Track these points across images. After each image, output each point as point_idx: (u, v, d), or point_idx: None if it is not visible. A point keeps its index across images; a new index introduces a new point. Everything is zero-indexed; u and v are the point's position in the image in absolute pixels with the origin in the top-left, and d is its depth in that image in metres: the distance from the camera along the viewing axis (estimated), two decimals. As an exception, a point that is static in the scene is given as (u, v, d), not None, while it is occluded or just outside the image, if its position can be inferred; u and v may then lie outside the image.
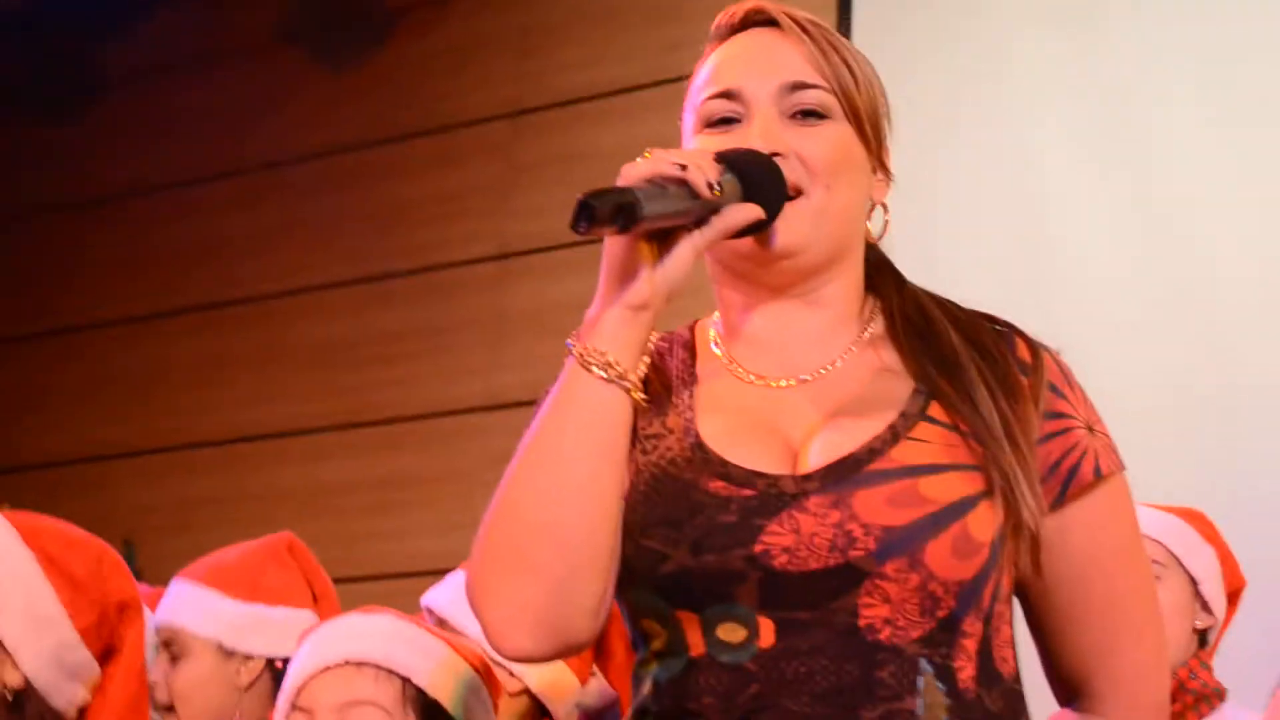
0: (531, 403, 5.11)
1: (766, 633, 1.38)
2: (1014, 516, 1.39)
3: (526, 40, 4.99)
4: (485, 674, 1.96)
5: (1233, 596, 2.84)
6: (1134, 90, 3.78)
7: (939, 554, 1.37)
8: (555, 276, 4.79)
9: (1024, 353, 1.48)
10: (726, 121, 1.49)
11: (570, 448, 1.37)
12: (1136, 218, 3.75)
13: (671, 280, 1.40)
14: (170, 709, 2.55)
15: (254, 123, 5.25)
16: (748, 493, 1.41)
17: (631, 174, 1.37)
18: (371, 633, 1.92)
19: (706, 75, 1.52)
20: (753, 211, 1.41)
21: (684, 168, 1.37)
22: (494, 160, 4.97)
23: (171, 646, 2.57)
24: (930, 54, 4.10)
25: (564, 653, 1.41)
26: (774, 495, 1.41)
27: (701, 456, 1.44)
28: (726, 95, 1.50)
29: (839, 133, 1.49)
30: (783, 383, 1.48)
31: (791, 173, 1.46)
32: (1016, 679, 1.45)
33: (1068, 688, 1.51)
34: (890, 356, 1.49)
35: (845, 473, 1.41)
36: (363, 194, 5.15)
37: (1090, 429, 1.48)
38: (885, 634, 1.38)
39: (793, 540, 1.38)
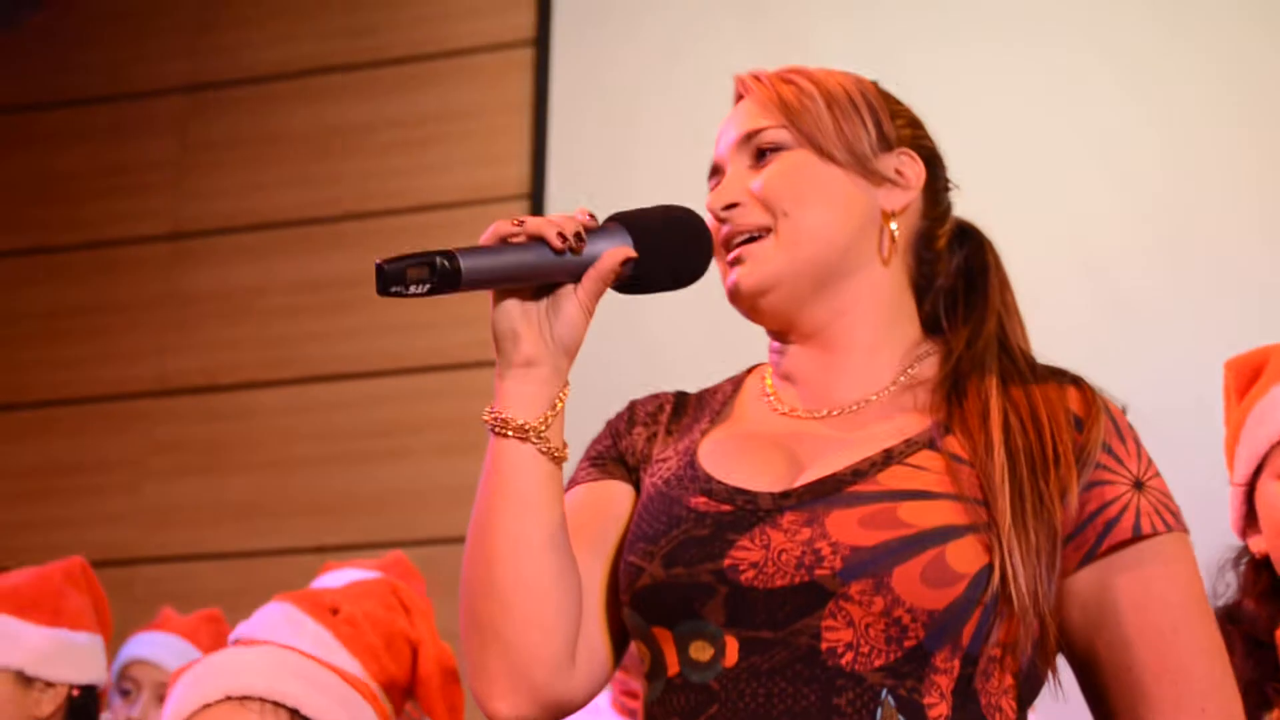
0: (204, 389, 4.90)
1: (731, 651, 1.38)
2: (1000, 581, 1.35)
3: (207, 12, 4.87)
4: (373, 702, 1.90)
5: None
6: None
7: (907, 579, 1.34)
8: (233, 261, 4.70)
9: (1078, 405, 1.43)
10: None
11: (492, 509, 1.41)
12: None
13: (562, 335, 1.42)
14: None
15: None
16: (725, 508, 1.42)
17: (482, 238, 1.41)
18: (254, 666, 1.87)
19: None
20: (620, 253, 1.42)
21: (521, 223, 1.40)
22: (170, 135, 4.83)
23: None
24: (626, 43, 4.19)
25: (550, 712, 1.42)
26: (749, 511, 1.41)
27: (691, 474, 1.46)
28: (712, 173, 1.56)
29: (792, 159, 1.50)
30: (812, 415, 1.49)
31: (750, 216, 1.49)
32: None
33: None
34: (924, 400, 1.47)
35: (824, 492, 1.40)
36: (25, 160, 4.94)
37: (1139, 485, 1.43)
38: (846, 659, 1.35)
39: (761, 556, 1.38)
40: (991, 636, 1.36)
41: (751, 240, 1.49)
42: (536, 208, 4.34)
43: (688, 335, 3.61)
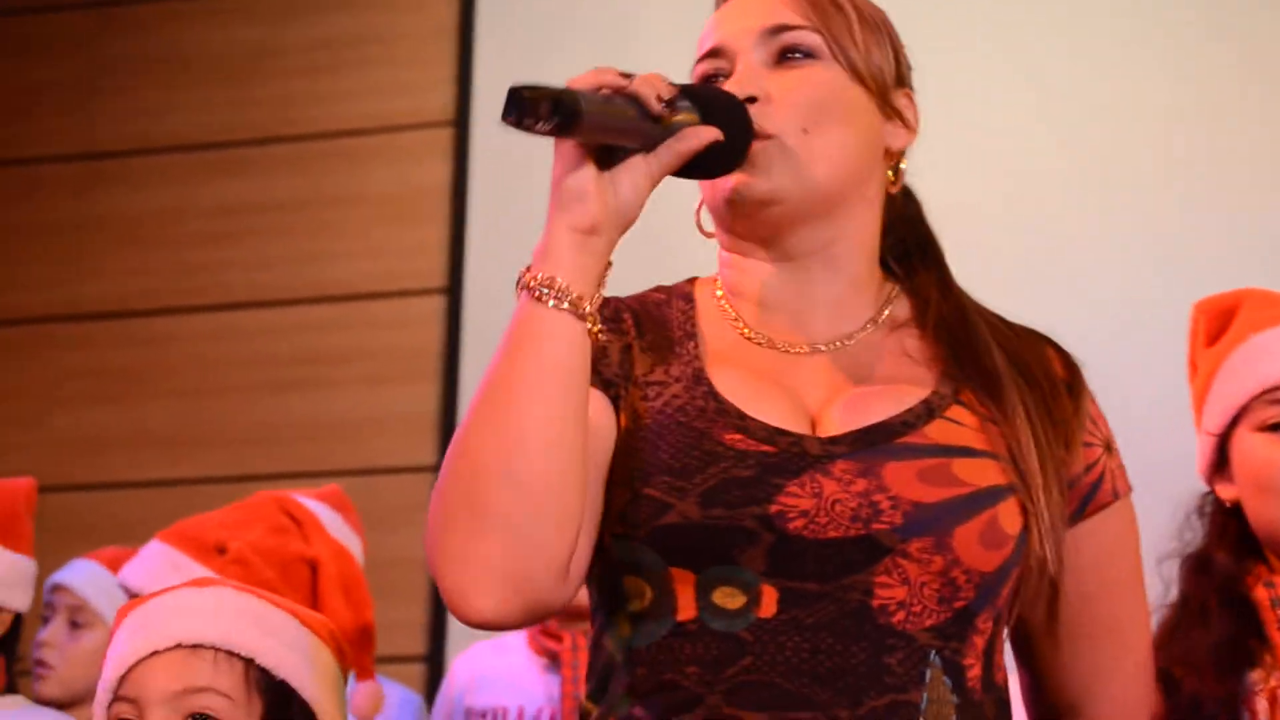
0: (117, 315, 4.85)
1: (769, 602, 1.31)
2: (1039, 544, 1.36)
3: (117, -74, 4.77)
4: (336, 646, 1.83)
5: None
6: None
7: (967, 539, 1.32)
8: (148, 184, 4.63)
9: (1061, 369, 1.44)
10: (715, 79, 1.45)
11: (527, 385, 1.29)
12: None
13: (624, 206, 1.32)
14: None
15: None
16: (768, 449, 1.34)
17: (575, 81, 1.30)
18: (208, 610, 1.77)
19: (700, 40, 1.47)
20: (709, 133, 1.34)
21: (629, 77, 1.31)
22: (80, 53, 4.73)
23: None
24: (560, 31, 4.15)
25: (531, 617, 1.32)
26: (796, 454, 1.34)
27: (716, 406, 1.36)
28: (713, 54, 1.45)
29: (823, 73, 1.43)
30: (796, 349, 1.42)
31: (767, 118, 1.40)
32: (1006, 687, 1.40)
33: (1053, 712, 1.48)
34: (915, 346, 1.43)
35: (876, 440, 1.35)
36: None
37: (1109, 448, 1.46)
38: (899, 618, 1.31)
39: (813, 504, 1.31)
40: (1017, 597, 1.38)
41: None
42: (462, 134, 4.30)
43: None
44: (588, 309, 1.31)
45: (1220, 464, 1.88)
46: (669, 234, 1.71)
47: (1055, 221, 3.81)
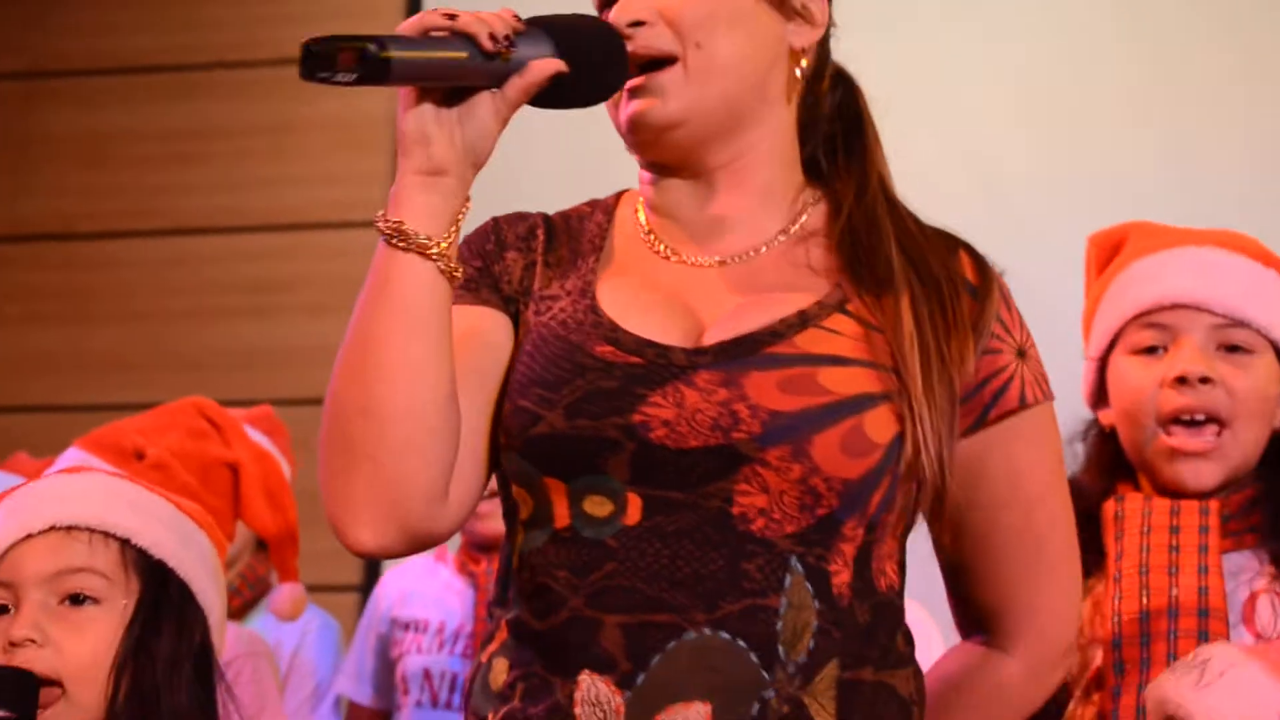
0: (59, 236, 4.82)
1: (633, 510, 1.34)
2: (913, 452, 1.36)
3: None
4: (210, 531, 1.84)
5: None
6: None
7: (826, 447, 1.33)
8: (90, 103, 4.60)
9: (970, 273, 1.44)
10: (606, 9, 1.46)
11: (379, 325, 1.33)
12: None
13: (473, 144, 1.34)
14: None
15: None
16: (635, 360, 1.37)
17: (403, 27, 1.32)
18: (81, 493, 1.77)
19: None
20: (551, 65, 1.35)
21: (453, 18, 1.32)
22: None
23: None
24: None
25: (414, 543, 1.36)
26: (662, 366, 1.37)
27: (594, 319, 1.40)
28: None
29: None
30: (700, 260, 1.44)
31: (657, 38, 1.41)
32: (895, 594, 1.41)
33: (974, 623, 1.49)
34: (819, 257, 1.44)
35: (741, 352, 1.37)
36: None
37: (1022, 353, 1.45)
38: (758, 525, 1.34)
39: (674, 414, 1.34)
40: (894, 503, 1.38)
41: (655, 67, 1.42)
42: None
43: (540, 153, 3.53)
44: (436, 250, 1.33)
45: (1101, 390, 1.91)
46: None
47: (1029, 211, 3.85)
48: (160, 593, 1.74)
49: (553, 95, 1.38)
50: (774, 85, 1.45)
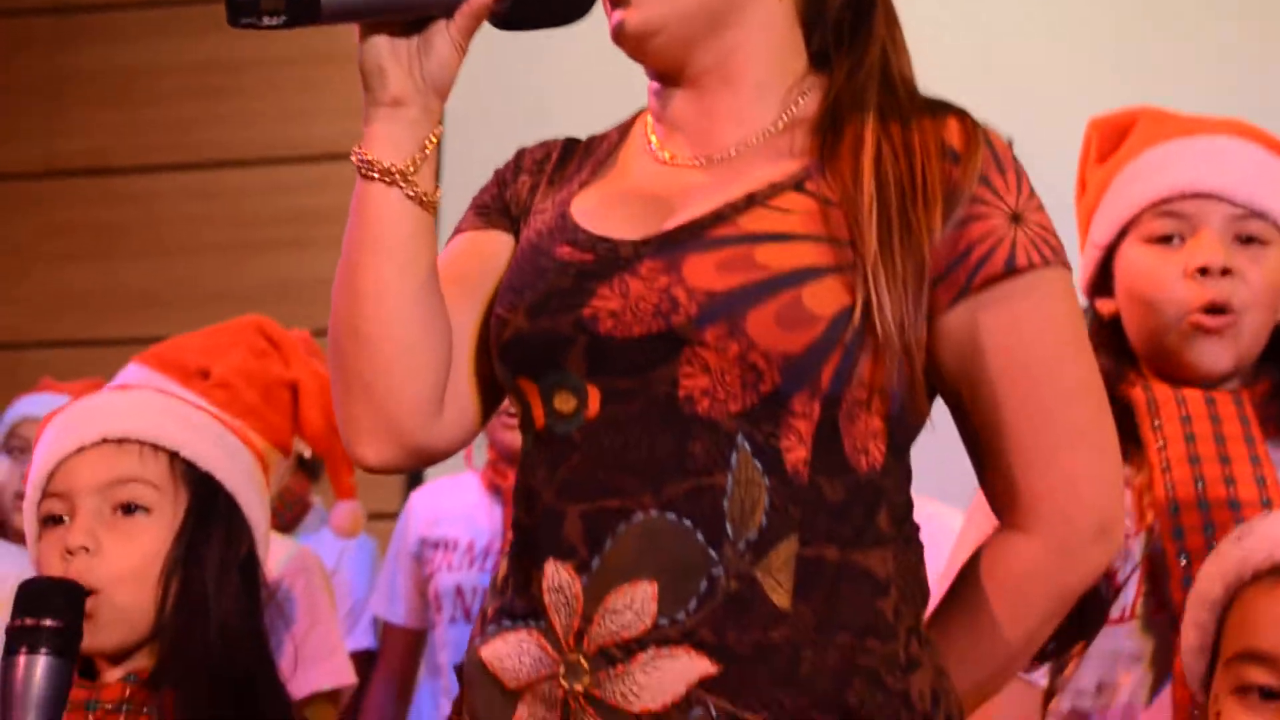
0: (97, 172, 4.81)
1: (593, 402, 1.37)
2: (862, 317, 1.34)
3: None
4: (251, 446, 1.89)
5: None
6: None
7: (761, 322, 1.33)
8: (120, 38, 4.60)
9: (955, 139, 1.39)
10: None
11: (356, 251, 1.41)
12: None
13: (433, 72, 1.39)
14: None
15: None
16: (586, 258, 1.41)
17: None
18: (132, 408, 1.82)
19: None
20: None
21: None
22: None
23: None
24: None
25: (416, 458, 1.44)
26: (610, 259, 1.40)
27: (559, 224, 1.45)
28: None
29: None
30: (691, 163, 1.46)
31: None
32: (880, 473, 1.37)
33: (1000, 506, 1.43)
34: (801, 141, 1.43)
35: (683, 238, 1.38)
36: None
37: (1017, 218, 1.39)
38: (703, 406, 1.34)
39: (619, 304, 1.37)
40: (854, 377, 1.35)
41: None
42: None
43: (581, 78, 3.54)
44: (404, 178, 1.39)
45: (1102, 278, 1.90)
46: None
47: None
48: (208, 503, 1.78)
49: (520, 16, 1.41)
50: None
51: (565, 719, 1.33)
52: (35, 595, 1.60)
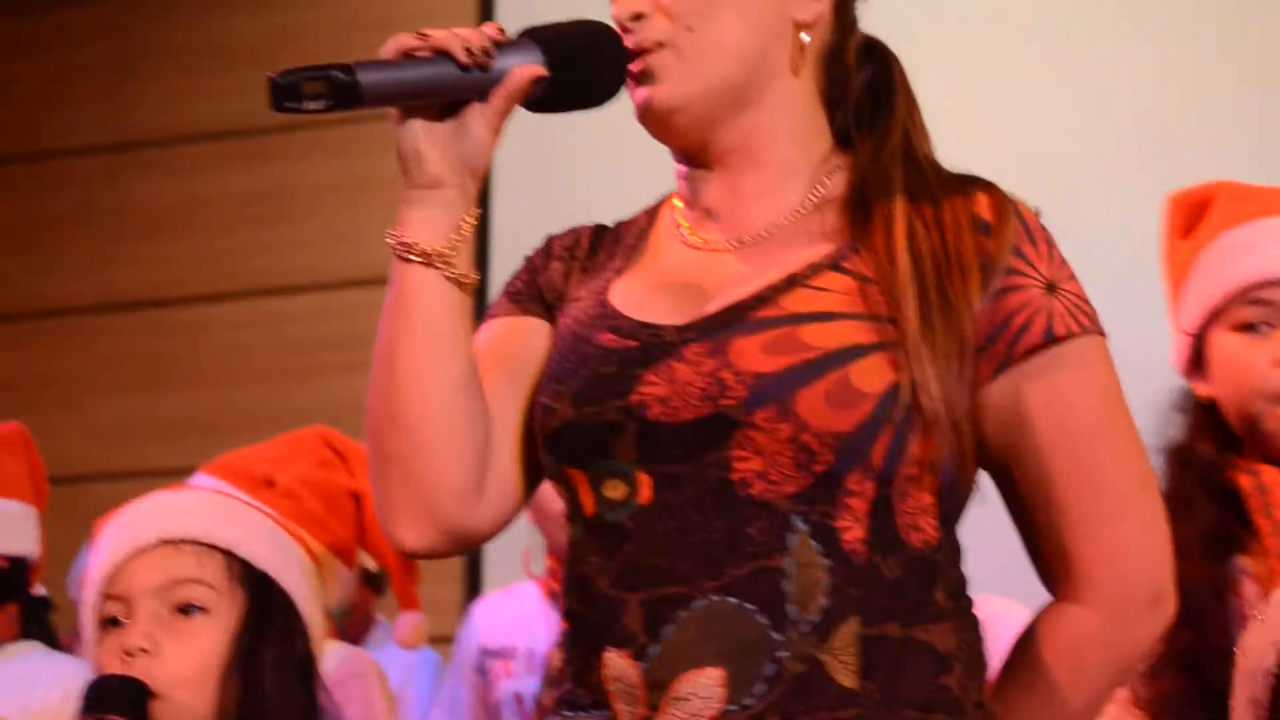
0: (149, 304, 4.86)
1: (644, 488, 1.38)
2: (910, 395, 1.35)
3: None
4: (306, 547, 1.94)
5: None
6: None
7: (811, 402, 1.34)
8: (178, 171, 4.69)
9: (986, 211, 1.41)
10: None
11: (398, 337, 1.41)
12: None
13: (468, 153, 1.41)
14: None
15: None
16: (631, 344, 1.41)
17: (382, 51, 1.40)
18: (187, 508, 1.85)
19: None
20: (530, 70, 1.40)
21: (425, 36, 1.38)
22: (109, 43, 4.79)
23: None
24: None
25: (456, 542, 1.44)
26: (655, 345, 1.40)
27: (601, 311, 1.45)
28: None
29: None
30: (720, 244, 1.47)
31: (650, 30, 1.44)
32: (934, 549, 1.38)
33: (1052, 578, 1.43)
34: (832, 222, 1.44)
35: (726, 321, 1.39)
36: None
37: (1051, 287, 1.40)
38: (757, 489, 1.35)
39: (667, 390, 1.37)
40: (905, 454, 1.36)
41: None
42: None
43: (616, 162, 3.57)
44: (442, 259, 1.40)
45: (1196, 362, 1.89)
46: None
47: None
48: (265, 603, 1.80)
49: (552, 99, 1.43)
50: (776, 60, 1.46)
51: None
52: (102, 692, 1.62)
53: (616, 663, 1.35)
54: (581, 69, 1.43)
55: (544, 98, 1.43)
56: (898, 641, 1.35)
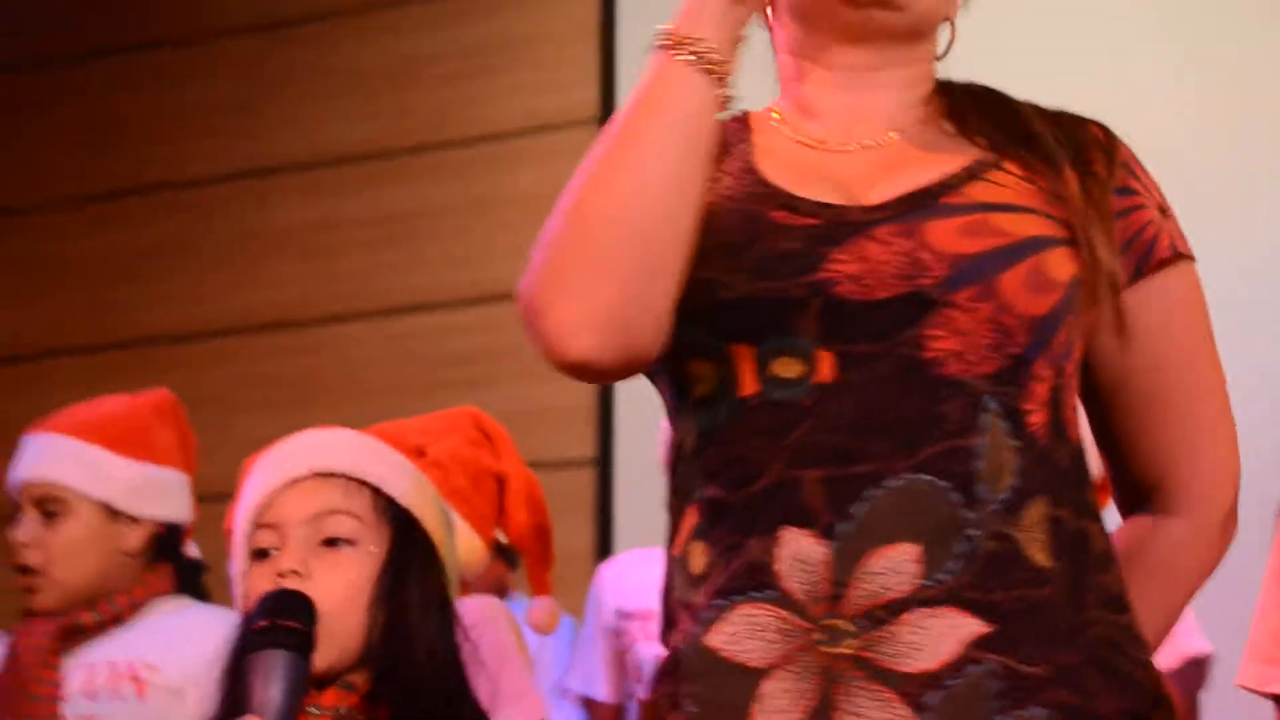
0: (285, 324, 4.97)
1: (825, 367, 1.34)
2: (1095, 271, 1.38)
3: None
4: (444, 497, 1.97)
5: None
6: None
7: (1013, 284, 1.34)
8: (308, 195, 4.81)
9: (1100, 134, 1.47)
10: None
11: (654, 138, 1.34)
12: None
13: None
14: (36, 571, 2.47)
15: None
16: (813, 221, 1.38)
17: None
18: (337, 445, 1.89)
19: None
20: None
21: None
22: (242, 75, 4.94)
23: (47, 504, 2.50)
24: None
25: (626, 364, 1.34)
26: (841, 224, 1.37)
27: (763, 190, 1.41)
28: None
29: None
30: (845, 148, 1.45)
31: None
32: (1082, 450, 1.40)
33: (1137, 494, 1.47)
34: (952, 134, 1.46)
35: (917, 204, 1.38)
36: (95, 106, 5.06)
37: (1163, 211, 1.46)
38: (952, 368, 1.33)
39: (859, 268, 1.35)
40: (1074, 347, 1.39)
41: None
42: (607, 132, 4.39)
43: None
44: (722, 74, 1.35)
45: None
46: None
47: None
48: (409, 541, 1.83)
49: None
50: (940, 31, 1.49)
51: (827, 686, 1.31)
52: (276, 600, 1.71)
53: (797, 541, 1.32)
54: None
55: None
56: (1074, 529, 1.36)
